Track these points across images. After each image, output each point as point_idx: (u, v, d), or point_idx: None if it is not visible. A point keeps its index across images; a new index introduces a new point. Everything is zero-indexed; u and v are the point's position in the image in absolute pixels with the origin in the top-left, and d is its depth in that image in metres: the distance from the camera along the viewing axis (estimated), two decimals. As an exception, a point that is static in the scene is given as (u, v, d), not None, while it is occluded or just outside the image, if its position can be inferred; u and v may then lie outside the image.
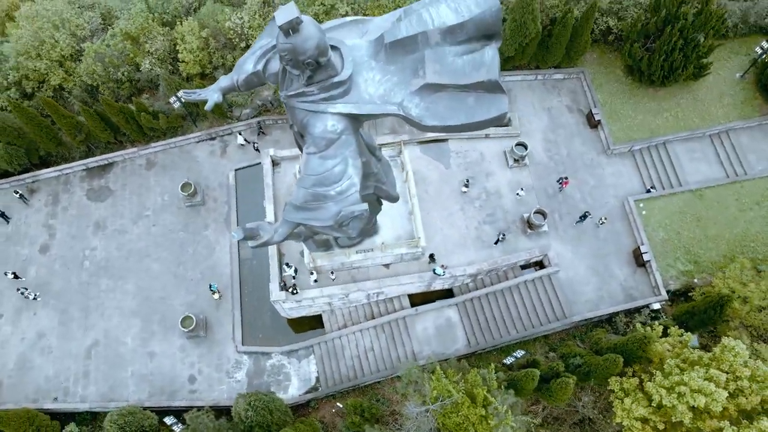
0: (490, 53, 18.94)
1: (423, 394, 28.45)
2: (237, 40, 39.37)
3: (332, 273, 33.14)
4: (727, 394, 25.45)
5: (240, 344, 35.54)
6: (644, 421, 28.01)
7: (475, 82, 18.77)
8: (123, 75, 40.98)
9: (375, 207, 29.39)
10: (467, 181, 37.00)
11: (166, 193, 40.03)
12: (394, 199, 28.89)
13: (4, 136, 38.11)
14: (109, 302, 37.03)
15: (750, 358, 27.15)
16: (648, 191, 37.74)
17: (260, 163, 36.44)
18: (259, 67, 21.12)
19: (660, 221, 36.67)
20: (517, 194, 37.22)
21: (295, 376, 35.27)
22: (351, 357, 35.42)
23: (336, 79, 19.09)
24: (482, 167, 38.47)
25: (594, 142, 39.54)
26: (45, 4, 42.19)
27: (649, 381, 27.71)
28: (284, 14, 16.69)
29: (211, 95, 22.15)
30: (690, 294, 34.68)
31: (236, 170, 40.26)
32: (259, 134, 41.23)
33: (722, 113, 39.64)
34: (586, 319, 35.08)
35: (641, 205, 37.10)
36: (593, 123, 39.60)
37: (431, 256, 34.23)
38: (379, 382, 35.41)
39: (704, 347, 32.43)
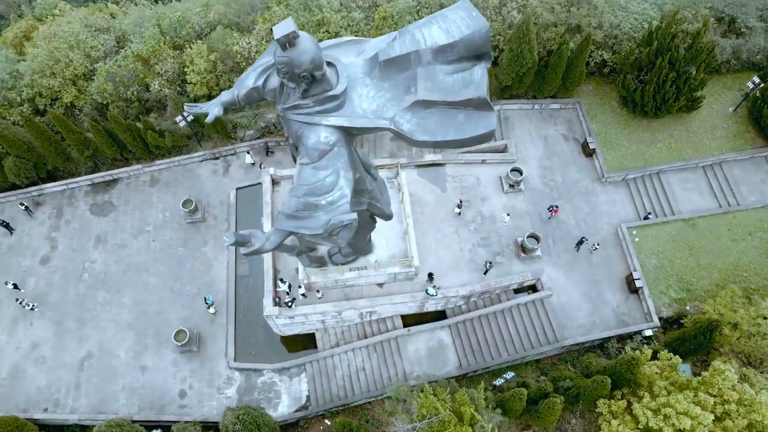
0: (479, 72, 19.83)
1: (411, 412, 28.35)
2: (244, 63, 40.75)
3: (318, 291, 33.38)
4: (714, 417, 25.30)
5: (232, 360, 35.58)
6: (633, 445, 27.70)
7: (464, 99, 19.60)
8: (133, 94, 42.37)
9: (369, 224, 29.92)
10: (460, 202, 37.53)
11: (168, 209, 40.78)
12: (387, 217, 29.45)
13: (14, 149, 39.22)
14: (105, 315, 37.34)
15: (738, 382, 27.04)
16: (645, 218, 38.10)
17: (261, 183, 37.25)
18: (260, 82, 22.12)
19: (653, 249, 36.96)
20: (504, 221, 37.60)
21: (286, 394, 35.16)
22: (342, 376, 35.34)
23: (330, 93, 20.02)
24: (478, 191, 39.10)
25: (589, 170, 40.25)
26: (63, 26, 44.09)
27: (637, 403, 27.54)
28: (282, 28, 17.74)
29: (212, 109, 23.08)
30: (682, 321, 34.68)
31: (237, 189, 41.10)
32: (267, 154, 42.28)
33: (715, 145, 40.39)
34: (578, 344, 35.05)
35: (634, 232, 37.45)
36: (588, 152, 40.39)
37: (430, 275, 34.52)
38: (369, 402, 35.24)
39: (697, 376, 32.17)
